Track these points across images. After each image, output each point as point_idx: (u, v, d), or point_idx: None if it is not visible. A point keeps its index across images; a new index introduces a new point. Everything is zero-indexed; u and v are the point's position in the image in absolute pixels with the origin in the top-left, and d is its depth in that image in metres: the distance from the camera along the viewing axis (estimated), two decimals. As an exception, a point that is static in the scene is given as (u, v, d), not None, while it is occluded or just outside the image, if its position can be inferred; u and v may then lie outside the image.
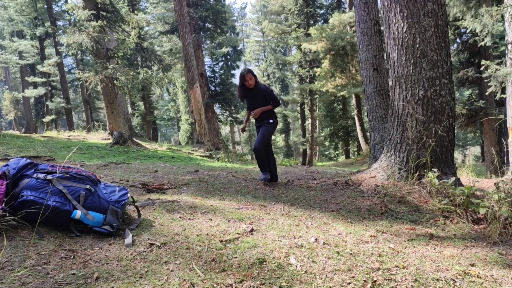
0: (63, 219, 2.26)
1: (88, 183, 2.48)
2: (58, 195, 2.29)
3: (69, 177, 2.42)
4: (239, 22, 40.33)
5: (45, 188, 2.27)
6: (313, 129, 22.64)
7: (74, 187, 2.38)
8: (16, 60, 25.69)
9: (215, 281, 1.85)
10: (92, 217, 2.32)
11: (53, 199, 2.24)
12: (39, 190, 2.24)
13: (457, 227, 2.93)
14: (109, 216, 2.38)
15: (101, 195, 2.48)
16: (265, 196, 3.85)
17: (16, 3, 22.98)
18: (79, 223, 2.33)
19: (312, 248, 2.35)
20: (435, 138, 3.88)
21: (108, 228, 2.32)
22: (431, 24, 3.89)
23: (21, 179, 2.28)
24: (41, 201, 2.18)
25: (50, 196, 2.25)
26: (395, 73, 4.15)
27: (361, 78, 6.22)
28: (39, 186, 2.26)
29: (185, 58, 14.63)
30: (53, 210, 2.21)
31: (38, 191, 2.23)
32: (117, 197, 2.56)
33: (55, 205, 2.22)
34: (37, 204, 2.16)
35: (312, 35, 17.12)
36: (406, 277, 1.95)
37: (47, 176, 2.32)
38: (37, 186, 2.25)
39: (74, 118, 32.54)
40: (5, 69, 32.05)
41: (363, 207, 3.46)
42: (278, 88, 33.87)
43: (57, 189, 2.31)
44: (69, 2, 24.59)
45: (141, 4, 23.16)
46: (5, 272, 1.72)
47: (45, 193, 2.24)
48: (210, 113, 18.78)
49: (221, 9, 19.91)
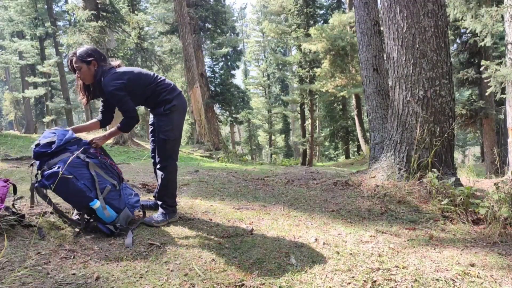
0: (82, 203, 2.26)
1: (116, 179, 2.49)
2: (88, 180, 2.29)
3: (102, 167, 2.43)
4: (239, 23, 40.34)
5: (80, 168, 2.28)
6: (313, 129, 22.64)
7: (104, 178, 2.39)
8: (16, 61, 25.67)
9: (215, 281, 1.85)
10: (108, 213, 2.32)
11: (83, 182, 2.25)
12: (75, 168, 2.25)
13: (457, 227, 2.93)
14: (121, 218, 2.37)
15: (123, 194, 2.49)
16: (265, 196, 3.85)
17: (16, 3, 22.97)
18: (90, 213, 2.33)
19: (312, 248, 2.35)
20: (435, 138, 3.88)
21: (111, 227, 2.32)
22: (431, 24, 3.90)
23: (63, 152, 2.30)
24: (72, 179, 2.20)
25: (82, 177, 2.26)
26: (395, 73, 4.15)
27: (361, 78, 6.22)
28: (75, 164, 2.27)
29: (185, 58, 14.63)
30: (79, 192, 2.22)
31: (74, 169, 2.24)
32: (133, 201, 2.55)
33: (82, 188, 2.22)
34: (67, 181, 2.17)
35: (312, 35, 17.11)
36: (406, 277, 1.95)
37: (86, 159, 2.33)
38: (74, 164, 2.25)
39: (74, 118, 32.55)
40: (5, 69, 32.05)
41: (363, 207, 3.46)
42: (278, 88, 33.87)
43: (90, 174, 2.31)
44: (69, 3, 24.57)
45: (141, 5, 23.15)
46: (5, 272, 1.72)
47: (78, 173, 2.25)
48: (210, 113, 18.79)
49: (221, 10, 19.92)
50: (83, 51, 2.44)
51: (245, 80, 37.10)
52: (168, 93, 2.55)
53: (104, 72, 2.44)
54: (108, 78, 2.40)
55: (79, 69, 2.44)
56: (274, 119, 34.24)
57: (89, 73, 2.46)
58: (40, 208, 2.50)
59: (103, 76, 2.42)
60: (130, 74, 2.48)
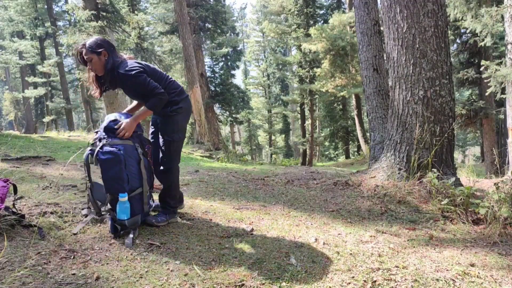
0: (115, 189, 2.30)
1: (148, 187, 2.51)
2: (132, 174, 2.34)
3: (147, 170, 2.49)
4: (239, 23, 40.31)
5: (132, 160, 2.35)
6: (313, 129, 22.64)
7: (142, 180, 2.43)
8: (16, 61, 25.66)
9: (215, 281, 1.85)
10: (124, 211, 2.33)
11: (127, 173, 2.31)
12: (129, 158, 2.33)
13: (457, 227, 2.93)
14: (130, 221, 2.35)
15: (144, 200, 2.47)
16: (265, 196, 3.85)
17: (16, 3, 22.96)
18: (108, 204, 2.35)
19: (312, 248, 2.35)
20: (435, 138, 3.88)
21: (118, 227, 2.33)
22: (431, 24, 3.90)
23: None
24: (122, 166, 2.27)
25: (129, 169, 2.32)
26: (395, 73, 4.15)
27: (361, 78, 6.22)
28: (131, 155, 2.34)
29: (185, 58, 14.63)
30: (119, 179, 2.27)
31: (128, 158, 2.32)
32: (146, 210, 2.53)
33: (124, 178, 2.28)
34: (117, 164, 2.25)
35: (312, 35, 17.10)
36: (406, 277, 1.95)
37: (141, 155, 2.41)
38: (130, 153, 2.34)
39: (74, 118, 32.56)
40: (5, 69, 32.04)
41: (363, 207, 3.46)
42: (278, 88, 33.87)
43: (137, 170, 2.38)
44: (69, 3, 24.57)
45: (141, 5, 23.15)
46: (5, 272, 1.72)
47: (129, 163, 2.32)
48: (210, 113, 18.78)
49: (221, 10, 19.91)
50: (92, 41, 2.39)
51: (245, 80, 37.09)
52: (177, 95, 2.55)
53: (120, 63, 2.40)
54: (126, 66, 2.37)
55: (90, 60, 2.38)
56: (274, 119, 34.23)
57: (100, 63, 2.40)
58: (40, 208, 2.50)
59: (118, 68, 2.38)
60: (146, 66, 2.48)
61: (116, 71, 2.38)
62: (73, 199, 2.89)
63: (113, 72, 2.40)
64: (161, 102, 2.42)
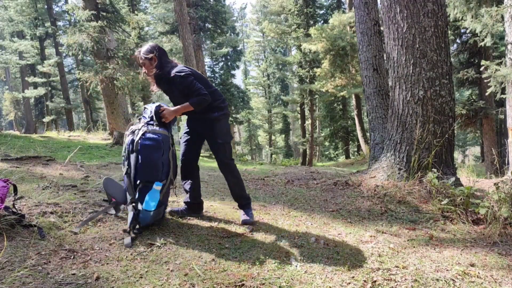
0: (151, 176, 2.39)
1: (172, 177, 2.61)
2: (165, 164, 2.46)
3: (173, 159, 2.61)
4: (239, 23, 40.30)
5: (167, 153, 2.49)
6: (313, 129, 22.64)
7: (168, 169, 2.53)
8: (16, 61, 25.65)
9: (215, 281, 1.85)
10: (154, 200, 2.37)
11: (162, 161, 2.43)
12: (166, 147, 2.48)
13: (457, 227, 2.93)
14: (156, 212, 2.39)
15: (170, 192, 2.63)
16: (265, 196, 3.85)
17: (16, 3, 22.95)
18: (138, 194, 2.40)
19: (312, 248, 2.35)
20: (435, 139, 3.88)
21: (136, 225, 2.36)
22: (431, 24, 3.90)
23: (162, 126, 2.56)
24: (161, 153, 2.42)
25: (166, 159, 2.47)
26: (395, 73, 4.15)
27: (361, 78, 6.22)
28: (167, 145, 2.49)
29: (185, 58, 14.63)
30: (156, 166, 2.39)
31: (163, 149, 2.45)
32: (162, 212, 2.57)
33: (159, 165, 2.42)
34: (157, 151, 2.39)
35: (312, 35, 17.10)
36: (406, 277, 1.95)
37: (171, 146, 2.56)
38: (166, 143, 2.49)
39: (74, 118, 32.53)
40: (5, 69, 32.03)
41: (363, 207, 3.46)
42: (278, 88, 33.87)
43: (167, 159, 2.50)
44: (69, 3, 24.57)
45: (141, 5, 23.17)
46: (5, 272, 1.72)
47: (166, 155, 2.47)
48: (210, 113, 18.75)
49: (221, 10, 19.91)
50: (145, 49, 2.71)
51: (245, 80, 37.09)
52: (222, 102, 2.82)
53: (171, 67, 2.68)
54: (176, 69, 2.65)
55: (143, 64, 2.75)
56: (274, 119, 34.23)
57: (150, 67, 2.72)
58: (40, 208, 2.50)
59: (169, 72, 2.65)
60: (194, 71, 2.76)
61: (165, 74, 2.66)
62: (73, 199, 2.89)
63: (160, 75, 2.69)
64: (204, 102, 2.62)
